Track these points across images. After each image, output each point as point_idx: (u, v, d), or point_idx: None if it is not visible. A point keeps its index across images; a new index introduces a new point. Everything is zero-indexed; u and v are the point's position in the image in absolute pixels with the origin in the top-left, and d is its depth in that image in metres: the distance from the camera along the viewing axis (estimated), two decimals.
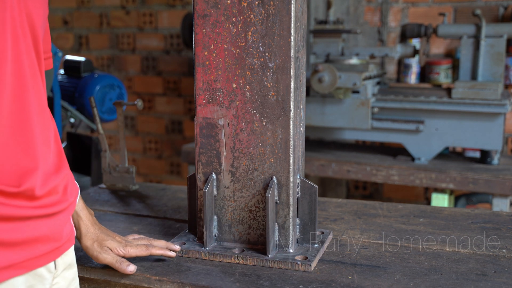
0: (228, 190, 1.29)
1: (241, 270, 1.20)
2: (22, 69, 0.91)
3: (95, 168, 2.50)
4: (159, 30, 3.96)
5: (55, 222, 0.98)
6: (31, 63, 0.93)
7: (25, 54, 0.91)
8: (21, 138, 0.91)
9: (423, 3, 3.23)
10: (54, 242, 0.98)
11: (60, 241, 1.00)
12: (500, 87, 2.40)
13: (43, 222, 0.95)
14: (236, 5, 1.21)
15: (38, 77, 0.95)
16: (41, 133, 0.95)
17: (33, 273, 0.94)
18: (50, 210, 0.96)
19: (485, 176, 2.37)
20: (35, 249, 0.94)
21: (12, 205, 0.89)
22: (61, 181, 1.01)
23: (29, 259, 0.93)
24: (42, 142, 0.95)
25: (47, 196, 0.96)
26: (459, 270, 1.17)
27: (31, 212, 0.92)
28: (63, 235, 1.01)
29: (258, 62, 1.21)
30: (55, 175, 0.99)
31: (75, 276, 1.11)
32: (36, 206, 0.93)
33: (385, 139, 2.67)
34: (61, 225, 1.00)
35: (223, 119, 1.26)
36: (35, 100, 0.94)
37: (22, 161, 0.91)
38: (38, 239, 0.94)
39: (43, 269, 0.97)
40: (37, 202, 0.93)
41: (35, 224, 0.93)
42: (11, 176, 0.89)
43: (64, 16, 4.30)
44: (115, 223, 1.53)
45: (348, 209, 1.61)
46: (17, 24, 0.89)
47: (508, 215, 1.53)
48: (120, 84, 2.61)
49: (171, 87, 3.99)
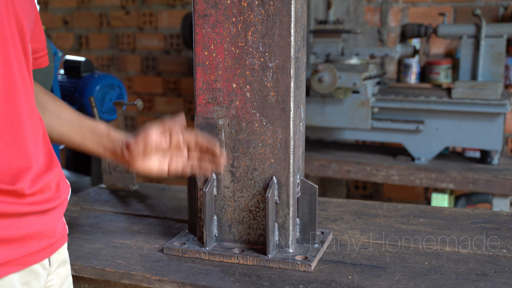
0: (228, 190, 1.29)
1: (241, 270, 1.20)
2: (12, 71, 0.91)
3: (95, 168, 2.50)
4: (159, 30, 3.96)
5: (48, 218, 0.99)
6: (20, 64, 0.94)
7: (14, 56, 0.92)
8: (13, 139, 0.92)
9: (423, 3, 3.23)
10: (49, 238, 0.99)
11: (54, 237, 1.01)
12: (500, 87, 2.40)
13: (37, 218, 0.96)
14: (236, 5, 1.21)
15: (27, 78, 0.96)
16: (32, 133, 0.96)
17: (28, 270, 0.95)
18: (43, 207, 0.97)
19: (485, 176, 2.37)
20: (30, 245, 0.94)
21: (6, 202, 0.90)
22: (53, 178, 1.02)
23: (24, 256, 0.94)
24: (34, 142, 0.96)
25: (40, 193, 0.97)
26: (459, 270, 1.17)
27: (25, 208, 0.93)
28: (57, 231, 1.02)
29: (258, 62, 1.21)
30: (47, 173, 1.00)
31: (69, 274, 1.12)
32: (29, 203, 0.94)
33: (385, 139, 2.67)
34: (55, 221, 1.01)
35: (223, 119, 1.26)
36: (25, 101, 0.94)
37: (15, 161, 0.92)
38: (33, 235, 0.95)
39: (38, 266, 0.98)
40: (30, 199, 0.94)
41: (29, 221, 0.94)
42: (4, 175, 0.90)
43: (64, 16, 4.30)
44: (115, 223, 1.54)
45: (348, 209, 1.61)
46: (6, 26, 0.90)
47: (508, 215, 1.53)
48: (120, 84, 2.61)
49: (171, 87, 3.99)
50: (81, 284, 1.29)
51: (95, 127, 1.18)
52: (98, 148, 1.17)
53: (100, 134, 1.17)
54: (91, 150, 1.18)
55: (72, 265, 1.26)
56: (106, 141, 1.17)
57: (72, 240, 1.41)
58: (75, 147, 1.18)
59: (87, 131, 1.17)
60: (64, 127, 1.16)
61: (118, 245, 1.37)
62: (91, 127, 1.17)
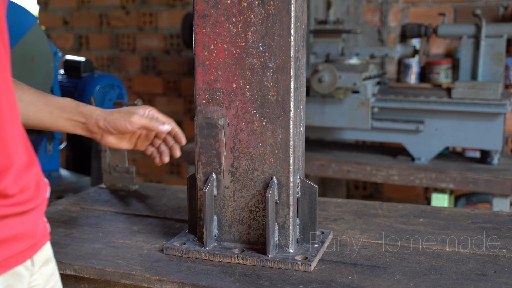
0: (228, 190, 1.29)
1: (241, 270, 1.20)
2: None
3: (95, 168, 2.50)
4: (159, 30, 3.96)
5: (29, 219, 0.97)
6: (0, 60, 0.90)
7: None
8: None
9: (423, 3, 3.23)
10: (30, 239, 0.97)
11: (36, 237, 0.99)
12: (500, 87, 2.40)
13: (18, 219, 0.94)
14: (236, 5, 1.21)
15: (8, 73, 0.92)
16: (12, 130, 0.92)
17: (11, 272, 0.93)
18: (24, 207, 0.95)
19: (485, 176, 2.37)
20: (12, 247, 0.92)
21: None
22: (33, 177, 0.99)
23: (7, 259, 0.91)
24: (13, 139, 0.92)
25: (20, 193, 0.94)
26: (459, 270, 1.17)
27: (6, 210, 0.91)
28: (38, 231, 1.00)
29: (258, 62, 1.21)
30: (26, 171, 0.97)
31: (54, 272, 1.10)
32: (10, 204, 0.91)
33: (385, 139, 2.67)
34: (36, 221, 0.99)
35: (223, 119, 1.26)
36: (5, 97, 0.91)
37: None
38: (15, 237, 0.93)
39: (21, 267, 0.96)
40: (11, 200, 0.91)
41: (11, 223, 0.92)
42: None
43: (64, 16, 4.30)
44: (115, 223, 1.54)
45: (348, 209, 1.61)
46: None
47: (508, 215, 1.53)
48: (120, 84, 2.62)
49: (171, 87, 3.99)
50: (81, 284, 1.29)
51: (63, 103, 1.14)
52: (68, 124, 1.15)
53: (68, 110, 1.14)
54: (62, 127, 1.15)
55: (72, 265, 1.26)
56: (77, 116, 1.15)
57: (72, 240, 1.41)
58: (43, 127, 1.15)
59: (55, 109, 1.13)
60: (28, 108, 1.12)
61: (118, 245, 1.37)
62: (58, 104, 1.14)
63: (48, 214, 1.62)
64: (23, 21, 2.15)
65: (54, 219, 1.58)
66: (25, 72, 2.17)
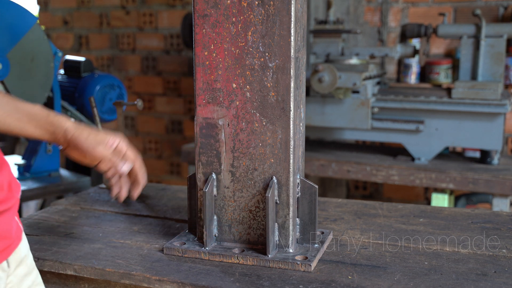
0: (228, 190, 1.29)
1: (241, 270, 1.20)
2: None
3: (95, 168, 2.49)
4: (159, 30, 3.96)
5: (3, 220, 0.96)
6: None
7: None
8: None
9: (423, 3, 3.23)
10: (5, 240, 0.97)
11: (11, 238, 0.98)
12: (500, 87, 2.40)
13: None
14: (236, 5, 1.21)
15: None
16: None
17: None
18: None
19: (485, 176, 2.37)
20: None
21: None
22: (4, 179, 0.99)
23: None
24: None
25: None
26: (459, 270, 1.17)
27: None
28: (13, 232, 1.00)
29: (258, 62, 1.21)
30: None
31: (29, 271, 1.09)
32: None
33: (385, 139, 2.67)
34: (10, 222, 0.99)
35: (223, 119, 1.26)
36: None
37: None
38: None
39: None
40: None
41: None
42: None
43: (64, 16, 4.30)
44: (115, 223, 1.54)
45: (348, 209, 1.61)
46: None
47: (508, 215, 1.53)
48: (120, 84, 2.61)
49: (171, 87, 3.99)
50: (81, 284, 1.29)
51: (32, 110, 1.12)
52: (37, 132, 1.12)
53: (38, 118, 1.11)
54: (30, 133, 1.12)
55: (72, 265, 1.26)
56: (46, 125, 1.12)
57: (72, 240, 1.41)
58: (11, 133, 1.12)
59: (24, 115, 1.10)
60: None
61: (118, 245, 1.37)
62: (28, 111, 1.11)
63: (48, 214, 1.62)
64: (23, 21, 2.15)
65: (54, 219, 1.58)
66: (25, 72, 2.17)
